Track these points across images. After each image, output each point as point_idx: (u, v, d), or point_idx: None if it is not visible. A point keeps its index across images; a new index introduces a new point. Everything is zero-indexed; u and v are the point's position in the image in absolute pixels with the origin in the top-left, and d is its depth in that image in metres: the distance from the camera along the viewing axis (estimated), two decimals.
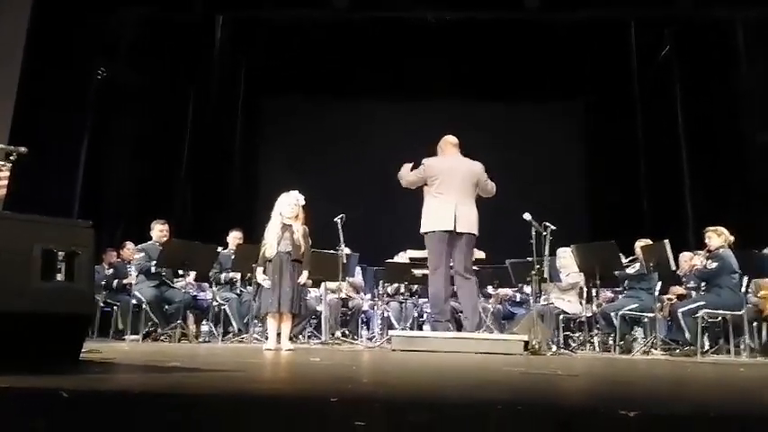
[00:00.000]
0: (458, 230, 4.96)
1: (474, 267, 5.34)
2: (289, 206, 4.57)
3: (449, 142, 5.32)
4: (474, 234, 5.07)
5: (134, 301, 5.90)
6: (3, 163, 3.36)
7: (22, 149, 3.36)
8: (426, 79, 9.42)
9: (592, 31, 9.18)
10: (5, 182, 3.50)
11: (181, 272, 6.19)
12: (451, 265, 5.06)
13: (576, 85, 9.83)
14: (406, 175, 5.28)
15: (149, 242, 6.21)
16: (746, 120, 7.69)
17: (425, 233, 5.09)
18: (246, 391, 1.80)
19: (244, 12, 8.60)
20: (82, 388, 1.58)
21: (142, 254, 6.09)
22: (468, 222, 5.03)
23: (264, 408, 1.43)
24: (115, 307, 6.23)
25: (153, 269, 6.00)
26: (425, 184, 5.19)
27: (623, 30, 9.51)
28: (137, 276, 6.11)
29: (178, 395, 1.62)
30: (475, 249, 5.30)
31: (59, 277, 2.36)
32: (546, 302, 5.85)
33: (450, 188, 5.06)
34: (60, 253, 2.38)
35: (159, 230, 6.22)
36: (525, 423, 1.32)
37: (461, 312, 5.05)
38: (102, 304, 6.16)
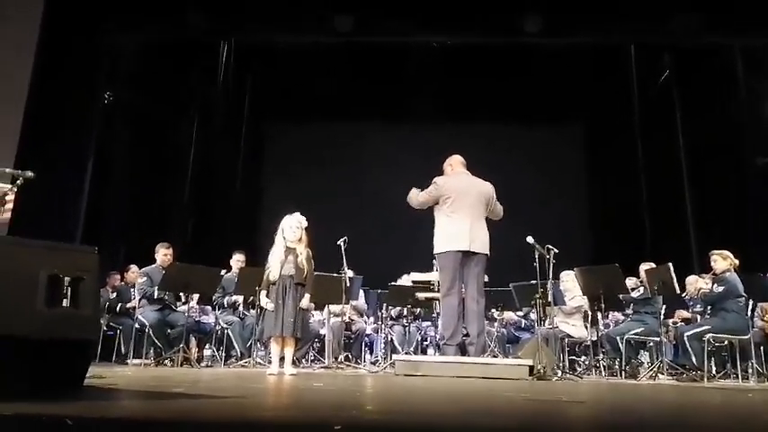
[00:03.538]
0: (472, 250, 4.89)
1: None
2: (291, 228, 4.56)
3: (458, 161, 5.26)
4: (487, 254, 4.98)
5: (137, 325, 5.89)
6: (10, 187, 3.39)
7: (29, 174, 3.39)
8: (427, 102, 9.51)
9: (592, 56, 9.30)
10: (11, 205, 3.52)
11: (183, 295, 6.16)
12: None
13: (577, 108, 9.91)
14: (416, 196, 5.19)
15: (152, 266, 6.20)
16: (746, 143, 7.74)
17: (439, 253, 4.99)
18: (250, 418, 1.79)
19: (249, 36, 8.73)
20: (87, 415, 1.58)
21: (145, 278, 6.08)
22: (482, 243, 4.95)
23: None
24: (118, 330, 6.22)
25: (156, 294, 5.99)
26: (436, 203, 5.09)
27: (623, 54, 9.63)
28: (140, 300, 6.11)
29: (182, 422, 1.61)
30: None
31: (65, 303, 2.36)
32: (551, 326, 5.80)
33: (463, 207, 4.97)
34: (66, 278, 2.38)
35: (163, 254, 6.21)
36: None
37: (467, 336, 4.99)
38: (105, 328, 6.15)
